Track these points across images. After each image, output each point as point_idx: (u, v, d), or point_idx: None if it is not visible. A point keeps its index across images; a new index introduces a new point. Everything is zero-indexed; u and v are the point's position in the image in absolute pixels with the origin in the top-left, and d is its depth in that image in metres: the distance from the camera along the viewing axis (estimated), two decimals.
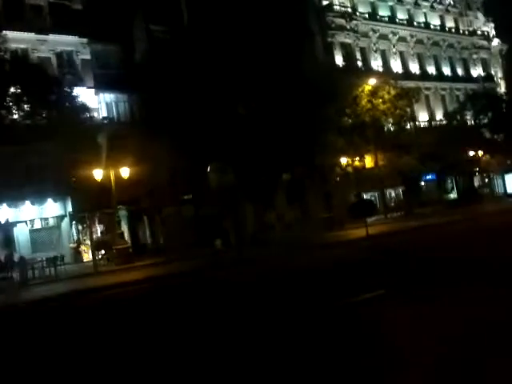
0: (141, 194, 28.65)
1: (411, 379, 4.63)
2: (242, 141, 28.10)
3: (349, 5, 45.03)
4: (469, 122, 47.23)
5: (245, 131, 28.26)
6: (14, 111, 24.23)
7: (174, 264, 22.16)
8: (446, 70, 52.92)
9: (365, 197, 38.50)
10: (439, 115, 49.83)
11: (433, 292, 8.17)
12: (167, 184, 28.92)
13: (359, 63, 44.53)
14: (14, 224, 28.58)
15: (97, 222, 30.95)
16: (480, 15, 58.85)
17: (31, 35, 29.73)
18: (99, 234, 30.56)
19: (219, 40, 28.78)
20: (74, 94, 26.36)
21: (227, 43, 28.68)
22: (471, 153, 43.72)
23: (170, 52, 30.80)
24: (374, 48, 46.58)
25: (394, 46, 48.19)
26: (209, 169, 32.47)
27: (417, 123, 45.54)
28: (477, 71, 56.12)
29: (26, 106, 24.34)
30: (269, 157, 28.69)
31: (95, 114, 29.77)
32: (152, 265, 23.50)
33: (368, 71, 42.74)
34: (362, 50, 45.55)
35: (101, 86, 31.81)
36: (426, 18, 52.37)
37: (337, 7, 43.84)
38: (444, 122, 47.88)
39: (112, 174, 24.96)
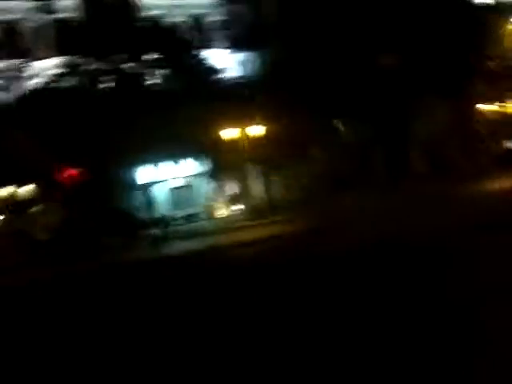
0: (273, 151, 28.63)
1: None
2: (377, 94, 27.06)
3: None
4: None
5: (384, 83, 27.14)
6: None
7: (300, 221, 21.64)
8: None
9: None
10: None
11: None
12: (297, 140, 28.65)
13: None
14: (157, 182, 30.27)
15: (231, 179, 31.59)
16: None
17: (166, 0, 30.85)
18: (233, 191, 31.27)
19: None
20: (206, 55, 26.93)
21: None
22: None
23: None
24: None
25: None
26: (338, 124, 31.84)
27: None
28: None
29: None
30: (407, 106, 27.41)
31: (228, 74, 30.19)
32: (283, 221, 23.20)
33: None
34: None
35: (233, 46, 32.16)
36: None
37: None
38: None
39: (245, 131, 25.19)
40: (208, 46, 30.44)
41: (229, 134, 25.53)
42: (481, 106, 33.11)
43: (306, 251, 12.39)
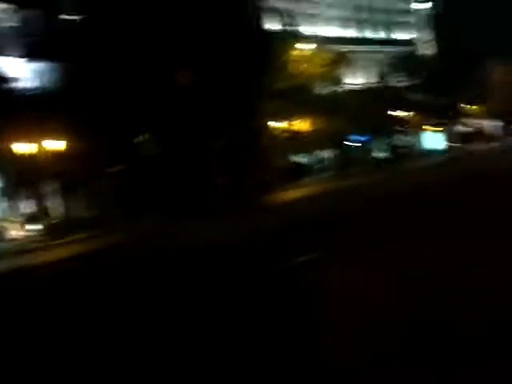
0: (71, 166, 28.16)
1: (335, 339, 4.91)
2: (173, 107, 28.19)
3: None
4: (396, 84, 49.10)
5: (177, 98, 28.35)
6: None
7: (104, 238, 21.92)
8: (374, 34, 54.39)
9: (299, 159, 39.74)
10: (367, 78, 51.43)
11: (361, 250, 8.79)
12: (97, 155, 28.57)
13: (292, 27, 44.99)
14: None
15: (26, 197, 29.96)
16: None
17: None
18: (28, 210, 29.66)
19: (152, 5, 28.44)
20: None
21: (160, 8, 28.41)
22: (397, 113, 45.71)
23: (99, 17, 30.02)
24: (305, 13, 47.12)
25: (323, 11, 48.90)
26: (141, 138, 32.50)
27: (348, 86, 46.84)
28: (403, 35, 57.96)
29: None
30: (202, 123, 29.00)
31: (21, 85, 28.73)
32: (80, 240, 23.06)
33: (300, 36, 43.33)
34: (295, 15, 45.95)
35: (27, 54, 30.61)
36: None
37: None
38: (373, 84, 49.52)
39: (40, 146, 24.35)
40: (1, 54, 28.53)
41: (23, 148, 24.25)
42: (271, 124, 36.77)
43: (106, 269, 12.88)
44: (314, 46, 39.00)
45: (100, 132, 26.79)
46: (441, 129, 53.76)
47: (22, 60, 30.58)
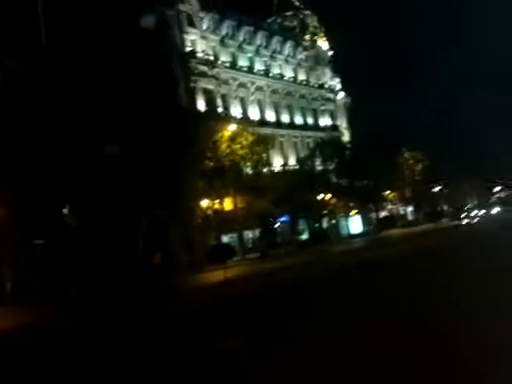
0: None
1: None
2: (100, 182, 27.72)
3: (211, 53, 47.14)
4: (318, 168, 51.46)
5: (104, 172, 27.95)
6: None
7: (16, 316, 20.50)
8: (298, 119, 57.39)
9: (224, 238, 39.75)
10: (292, 161, 53.59)
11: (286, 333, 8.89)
12: (16, 228, 27.25)
13: (220, 109, 46.49)
14: None
15: None
16: (327, 70, 65.04)
17: None
18: None
19: (81, 79, 28.38)
20: None
21: (89, 83, 28.40)
22: (320, 196, 47.56)
23: (27, 86, 29.55)
24: (234, 95, 49.07)
25: (252, 95, 51.20)
26: (65, 210, 31.38)
27: (272, 168, 48.43)
28: (325, 121, 61.59)
29: None
30: (129, 199, 28.60)
31: None
32: None
33: (228, 117, 44.85)
34: (223, 97, 47.70)
35: None
36: (281, 70, 56.59)
37: (200, 54, 45.65)
38: (296, 167, 51.58)
39: None
40: None
41: None
42: (199, 203, 36.85)
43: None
44: (242, 127, 40.31)
45: (22, 202, 25.66)
46: (360, 213, 56.44)
47: None
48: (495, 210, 59.40)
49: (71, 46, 29.80)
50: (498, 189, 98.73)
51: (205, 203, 37.25)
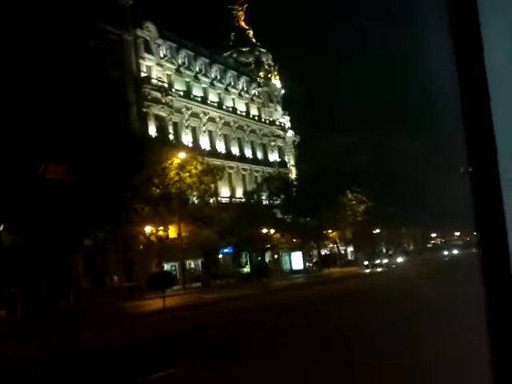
0: None
1: None
2: (40, 201, 26.92)
3: (166, 80, 47.35)
4: (264, 202, 51.98)
5: (45, 192, 27.17)
6: None
7: None
8: (248, 153, 58.10)
9: (166, 266, 39.16)
10: (239, 193, 53.93)
11: (220, 366, 8.98)
12: None
13: (171, 136, 46.45)
14: None
15: None
16: (279, 108, 66.62)
17: None
18: None
19: (27, 93, 27.72)
20: None
21: (36, 99, 27.79)
22: (264, 230, 47.88)
23: None
24: (186, 124, 49.25)
25: (204, 125, 51.57)
26: (1, 228, 30.10)
27: (219, 199, 48.53)
28: (273, 156, 62.65)
29: None
30: (70, 220, 27.85)
31: None
32: None
33: (178, 145, 44.83)
34: (175, 125, 47.77)
35: None
36: (234, 103, 57.45)
37: (154, 80, 45.73)
38: (243, 200, 51.89)
39: None
40: None
41: None
42: (141, 229, 36.21)
43: None
44: (192, 156, 40.32)
45: None
46: (302, 250, 57.11)
47: None
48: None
49: (20, 58, 29.20)
50: (434, 235, 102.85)
51: (148, 229, 36.66)
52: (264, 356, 9.50)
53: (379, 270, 49.11)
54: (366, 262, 54.12)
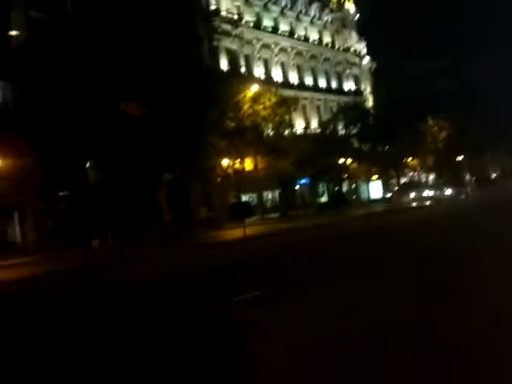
0: (10, 189, 27.30)
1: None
2: (123, 138, 28.04)
3: (235, 12, 46.48)
4: (340, 132, 51.03)
5: (127, 129, 28.23)
6: None
7: (39, 265, 21.12)
8: (322, 82, 56.64)
9: (244, 198, 40.08)
10: (314, 124, 53.19)
11: (305, 291, 8.92)
12: (41, 178, 27.88)
13: (243, 69, 46.12)
14: None
15: None
16: (354, 34, 63.71)
17: None
18: None
19: (104, 36, 28.39)
20: None
21: (112, 40, 28.41)
22: (341, 160, 47.33)
23: (51, 41, 29.70)
24: (257, 56, 48.53)
25: (275, 56, 50.58)
26: (88, 165, 31.94)
27: (294, 130, 48.19)
28: (349, 85, 60.70)
29: None
30: (150, 156, 28.93)
31: None
32: (15, 265, 22.20)
33: (251, 78, 44.47)
34: (246, 57, 47.24)
35: None
36: (306, 31, 55.60)
37: (224, 13, 45.04)
38: (318, 131, 51.22)
39: None
40: None
41: None
42: (219, 162, 37.04)
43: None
44: (264, 88, 40.00)
45: (48, 156, 26.16)
46: (382, 178, 56.07)
47: None
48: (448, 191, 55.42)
49: (96, 1, 29.82)
50: None
51: (225, 162, 37.41)
52: (344, 278, 9.56)
53: (462, 196, 47.40)
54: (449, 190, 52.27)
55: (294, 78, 52.39)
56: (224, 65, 44.23)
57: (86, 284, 13.77)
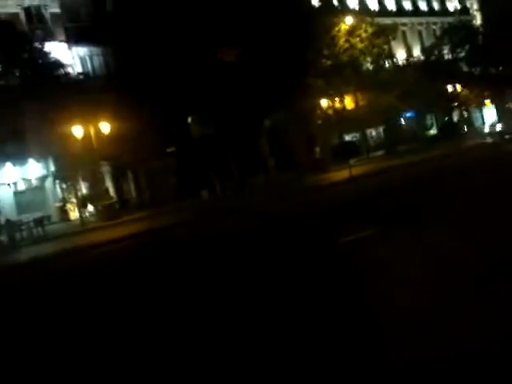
0: (123, 149, 28.52)
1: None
2: (221, 88, 27.91)
3: None
4: (446, 57, 47.10)
5: (224, 78, 28.01)
6: None
7: (161, 217, 22.29)
8: (422, 5, 52.28)
9: (346, 138, 38.85)
10: (417, 51, 49.57)
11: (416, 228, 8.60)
12: (149, 137, 28.77)
13: (335, 2, 43.70)
14: None
15: (81, 180, 30.88)
16: None
17: None
18: (84, 192, 30.56)
19: None
20: (46, 49, 25.61)
21: None
22: (450, 88, 43.88)
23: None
24: None
25: None
26: (189, 120, 32.46)
27: (395, 61, 45.29)
28: (453, 4, 55.48)
29: None
30: (249, 103, 28.62)
31: (70, 70, 29.04)
32: (139, 219, 23.64)
33: (344, 10, 42.04)
34: None
35: (73, 39, 30.91)
36: None
37: None
38: (422, 58, 47.68)
39: (92, 129, 24.78)
40: (46, 39, 28.81)
41: (76, 131, 24.75)
42: (319, 102, 35.97)
43: (160, 246, 13.09)
44: (360, 19, 37.70)
45: (152, 113, 26.83)
46: (495, 104, 51.52)
47: (68, 45, 30.86)
48: None
49: None
50: None
51: (324, 103, 36.19)
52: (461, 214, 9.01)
53: None
54: None
55: (390, 4, 48.82)
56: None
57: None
